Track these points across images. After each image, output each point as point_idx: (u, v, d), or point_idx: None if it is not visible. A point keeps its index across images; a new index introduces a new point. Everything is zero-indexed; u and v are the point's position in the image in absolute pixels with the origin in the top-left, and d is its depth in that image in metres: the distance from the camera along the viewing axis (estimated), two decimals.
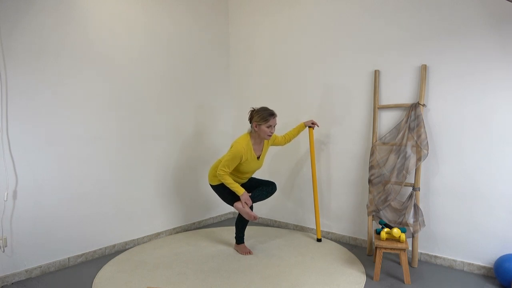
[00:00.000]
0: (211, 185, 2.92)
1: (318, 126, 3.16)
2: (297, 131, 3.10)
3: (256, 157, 2.78)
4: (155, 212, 3.35)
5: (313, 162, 3.16)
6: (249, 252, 2.89)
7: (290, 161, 3.61)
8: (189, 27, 3.62)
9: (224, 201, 2.90)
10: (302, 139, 3.49)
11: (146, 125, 3.24)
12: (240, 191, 2.70)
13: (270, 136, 2.73)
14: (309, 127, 3.14)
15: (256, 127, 2.72)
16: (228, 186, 2.71)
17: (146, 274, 2.50)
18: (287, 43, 3.56)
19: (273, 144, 3.02)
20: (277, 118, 3.66)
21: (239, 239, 2.97)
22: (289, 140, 3.10)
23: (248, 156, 2.72)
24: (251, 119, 2.76)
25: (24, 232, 2.50)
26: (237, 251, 2.96)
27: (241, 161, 2.70)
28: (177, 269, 2.58)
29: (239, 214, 2.88)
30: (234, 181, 2.81)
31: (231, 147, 2.74)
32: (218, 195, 2.90)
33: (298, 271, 2.54)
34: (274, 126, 2.73)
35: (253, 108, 2.80)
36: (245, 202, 2.73)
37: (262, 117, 2.68)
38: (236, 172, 2.81)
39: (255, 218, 2.71)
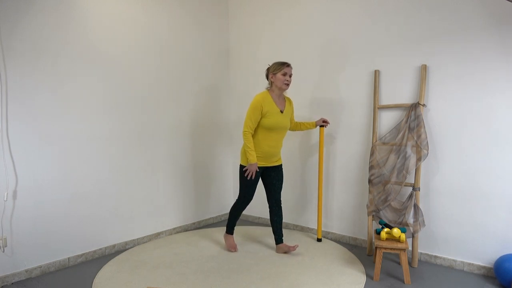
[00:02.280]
0: (240, 165, 2.86)
1: (329, 123, 3.10)
2: (306, 127, 3.08)
3: (279, 110, 2.76)
4: (155, 212, 3.35)
5: (321, 161, 3.14)
6: (234, 248, 2.92)
7: (290, 160, 3.61)
8: (189, 27, 3.62)
9: (240, 181, 2.85)
10: (303, 138, 3.49)
11: (146, 125, 3.24)
12: (253, 160, 2.70)
13: (287, 84, 2.75)
14: (320, 126, 3.11)
15: (272, 78, 2.76)
16: (245, 148, 2.71)
17: (146, 274, 2.50)
18: (287, 43, 3.56)
19: None
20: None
21: (230, 228, 3.00)
22: (295, 129, 3.09)
23: (269, 108, 2.71)
24: (267, 75, 2.81)
25: (24, 232, 2.50)
26: (224, 240, 3.01)
27: (262, 113, 2.69)
28: (177, 269, 2.58)
29: (235, 202, 2.93)
30: (262, 149, 2.77)
31: (251, 103, 2.74)
32: (240, 176, 2.86)
33: (298, 271, 2.54)
34: (290, 76, 2.75)
35: (268, 64, 2.89)
36: (251, 174, 2.73)
37: (276, 66, 2.75)
38: (262, 131, 2.74)
39: (252, 175, 2.74)
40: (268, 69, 2.81)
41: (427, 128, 2.69)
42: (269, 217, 2.97)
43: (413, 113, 2.67)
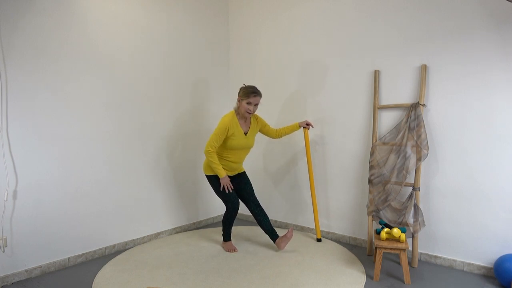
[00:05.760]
0: (206, 175, 2.98)
1: (312, 126, 3.15)
2: (290, 130, 3.11)
3: (243, 132, 2.83)
4: (155, 212, 3.35)
5: (309, 162, 3.15)
6: (234, 250, 2.94)
7: (289, 161, 3.61)
8: (189, 27, 3.62)
9: (216, 193, 2.96)
10: (301, 139, 3.49)
11: (146, 125, 3.24)
12: (221, 173, 2.78)
13: (250, 113, 2.78)
14: (304, 127, 3.13)
15: (239, 101, 2.79)
16: (212, 165, 2.78)
17: (146, 274, 2.50)
18: (287, 43, 3.56)
19: (263, 132, 3.07)
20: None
21: (226, 236, 3.02)
22: (280, 136, 3.12)
23: (234, 130, 2.78)
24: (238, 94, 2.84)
25: (24, 232, 2.50)
26: (223, 248, 3.01)
27: (227, 134, 2.76)
28: (177, 269, 2.58)
29: (225, 212, 2.97)
30: (224, 163, 2.89)
31: (218, 124, 2.80)
32: (211, 186, 2.96)
33: (298, 271, 2.54)
34: (255, 105, 2.78)
35: (244, 84, 2.89)
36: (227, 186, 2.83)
37: (244, 92, 2.75)
38: (224, 149, 2.84)
39: (228, 190, 2.85)
40: (240, 89, 2.82)
41: (427, 128, 2.69)
42: (259, 220, 2.97)
43: (413, 113, 2.67)
